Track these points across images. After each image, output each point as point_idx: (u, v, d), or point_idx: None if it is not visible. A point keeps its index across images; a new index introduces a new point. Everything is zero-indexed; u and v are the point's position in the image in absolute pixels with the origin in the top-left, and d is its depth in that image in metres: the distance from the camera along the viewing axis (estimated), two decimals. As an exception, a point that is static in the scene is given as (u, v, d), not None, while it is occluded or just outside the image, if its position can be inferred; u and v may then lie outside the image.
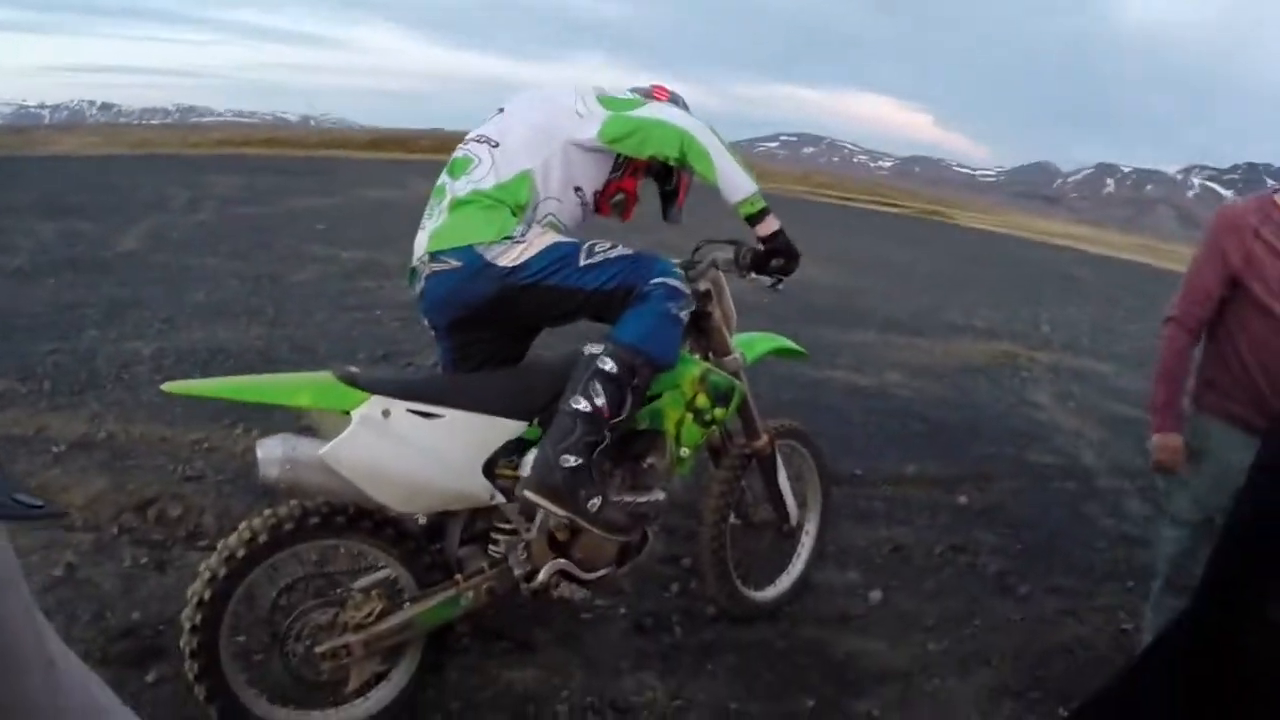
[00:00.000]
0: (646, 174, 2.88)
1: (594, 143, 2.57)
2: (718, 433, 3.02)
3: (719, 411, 2.73)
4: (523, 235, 2.44)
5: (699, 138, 2.52)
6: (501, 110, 2.70)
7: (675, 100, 2.83)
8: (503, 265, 2.39)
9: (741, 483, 3.10)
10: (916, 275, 13.39)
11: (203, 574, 2.16)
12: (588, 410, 2.36)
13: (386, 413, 2.26)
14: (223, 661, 2.19)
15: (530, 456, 2.41)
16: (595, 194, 2.72)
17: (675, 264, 2.72)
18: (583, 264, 2.44)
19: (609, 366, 2.38)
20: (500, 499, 2.44)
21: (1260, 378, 2.56)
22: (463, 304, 2.49)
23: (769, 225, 2.63)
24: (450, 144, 2.83)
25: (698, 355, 2.84)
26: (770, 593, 3.29)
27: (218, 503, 3.62)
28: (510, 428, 2.44)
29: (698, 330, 2.85)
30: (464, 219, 2.46)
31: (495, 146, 2.56)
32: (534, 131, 2.58)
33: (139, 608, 2.89)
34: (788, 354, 3.42)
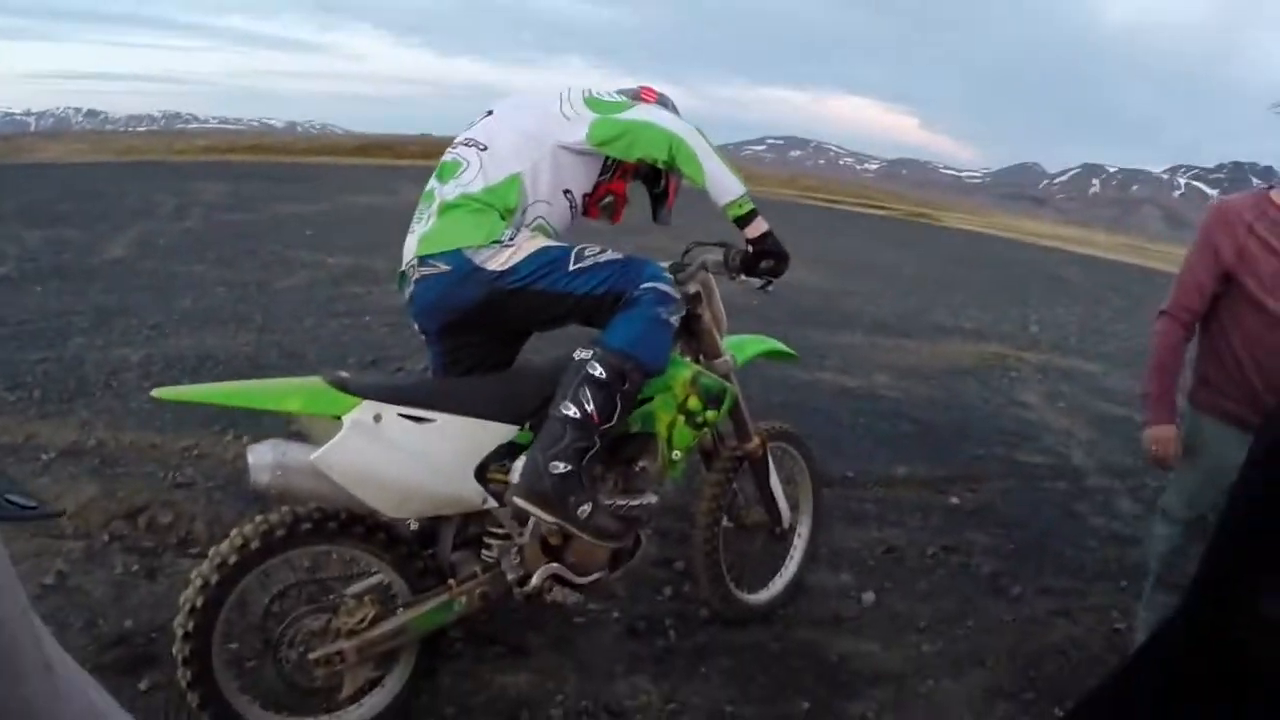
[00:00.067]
0: (635, 176, 2.88)
1: (582, 145, 2.56)
2: (709, 435, 3.02)
3: (711, 414, 2.73)
4: (511, 239, 2.42)
5: (687, 140, 2.51)
6: (490, 113, 2.68)
7: (663, 102, 2.82)
8: (491, 269, 2.38)
9: (734, 485, 3.10)
10: (903, 277, 13.42)
11: (194, 581, 2.15)
12: (577, 416, 2.36)
13: (378, 417, 2.25)
14: (215, 669, 2.18)
15: (520, 462, 2.40)
16: (584, 197, 2.71)
17: (665, 267, 2.72)
18: (572, 268, 2.43)
19: (598, 372, 2.38)
20: (493, 503, 2.43)
21: (1254, 374, 2.57)
22: (452, 308, 2.48)
23: (758, 227, 2.62)
24: (438, 149, 2.82)
25: (688, 358, 2.84)
26: (763, 595, 3.29)
27: (208, 509, 3.61)
28: (502, 432, 2.44)
29: (688, 333, 2.85)
30: (453, 223, 2.44)
31: (484, 150, 2.55)
32: (522, 135, 2.57)
33: (130, 615, 2.88)
34: (778, 356, 3.42)
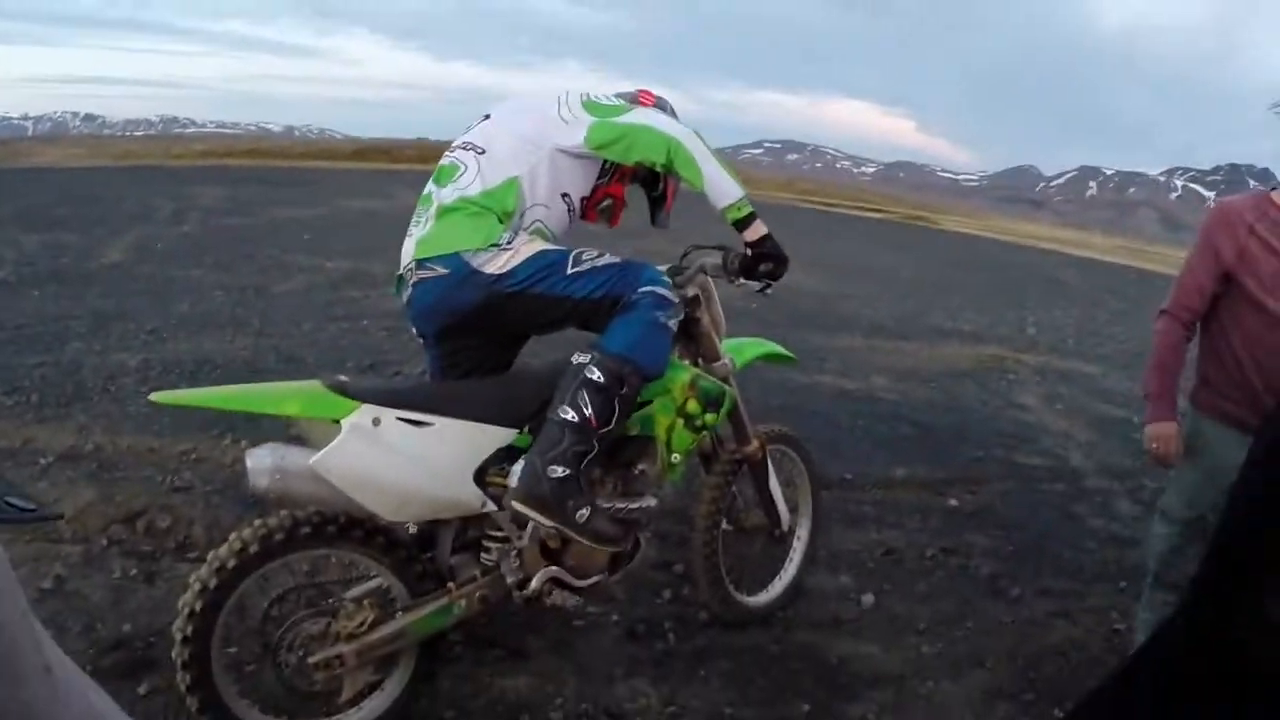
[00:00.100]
0: (633, 180, 2.87)
1: (580, 149, 2.55)
2: (709, 438, 3.02)
3: (710, 417, 2.73)
4: (510, 242, 2.42)
5: (685, 143, 2.50)
6: (487, 117, 2.68)
7: (661, 105, 2.82)
8: (489, 272, 2.37)
9: (733, 488, 3.10)
10: (901, 280, 13.44)
11: (193, 585, 2.14)
12: (575, 420, 2.35)
13: (376, 421, 2.25)
14: (215, 673, 2.18)
15: (518, 466, 2.39)
16: (582, 200, 2.71)
17: (663, 270, 2.72)
18: (570, 272, 2.42)
19: (596, 376, 2.37)
20: (492, 507, 2.43)
21: (1254, 374, 2.57)
22: (450, 311, 2.47)
23: (756, 230, 2.61)
24: (435, 153, 2.82)
25: (687, 361, 2.84)
26: (763, 598, 3.28)
27: (207, 513, 3.60)
28: (501, 435, 2.43)
29: (687, 336, 2.84)
30: (451, 226, 2.44)
31: (481, 153, 2.54)
32: (520, 138, 2.56)
33: (129, 619, 2.87)
34: (777, 359, 3.42)
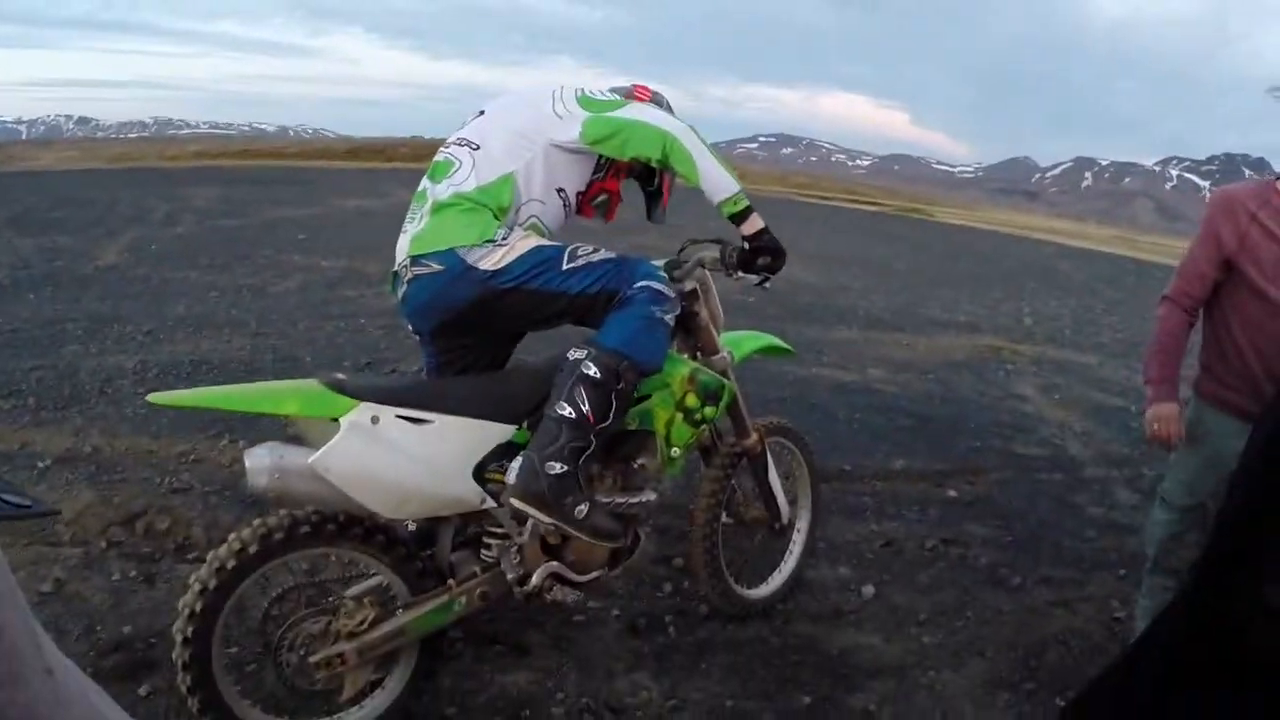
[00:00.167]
0: (629, 175, 2.87)
1: (576, 144, 2.55)
2: (708, 432, 3.01)
3: (709, 410, 2.72)
4: (505, 238, 2.41)
5: (680, 138, 2.49)
6: (482, 113, 2.67)
7: (657, 100, 2.81)
8: (484, 269, 2.37)
9: (732, 481, 3.10)
10: (897, 272, 13.44)
11: (193, 586, 2.14)
12: (572, 416, 2.35)
13: (375, 419, 2.24)
14: (215, 673, 2.17)
15: (516, 463, 2.38)
16: (578, 195, 2.70)
17: (660, 264, 2.71)
18: (565, 267, 2.42)
19: (593, 372, 2.37)
20: (491, 503, 2.42)
21: (1255, 362, 2.57)
22: (445, 308, 2.47)
23: (753, 224, 2.61)
24: (429, 152, 2.82)
25: (686, 355, 2.84)
26: (763, 590, 3.29)
27: (206, 514, 3.60)
28: (499, 431, 2.43)
29: (685, 330, 2.84)
30: (445, 222, 2.43)
31: (476, 149, 2.53)
32: (515, 134, 2.56)
33: (129, 621, 2.87)
34: (775, 352, 3.42)
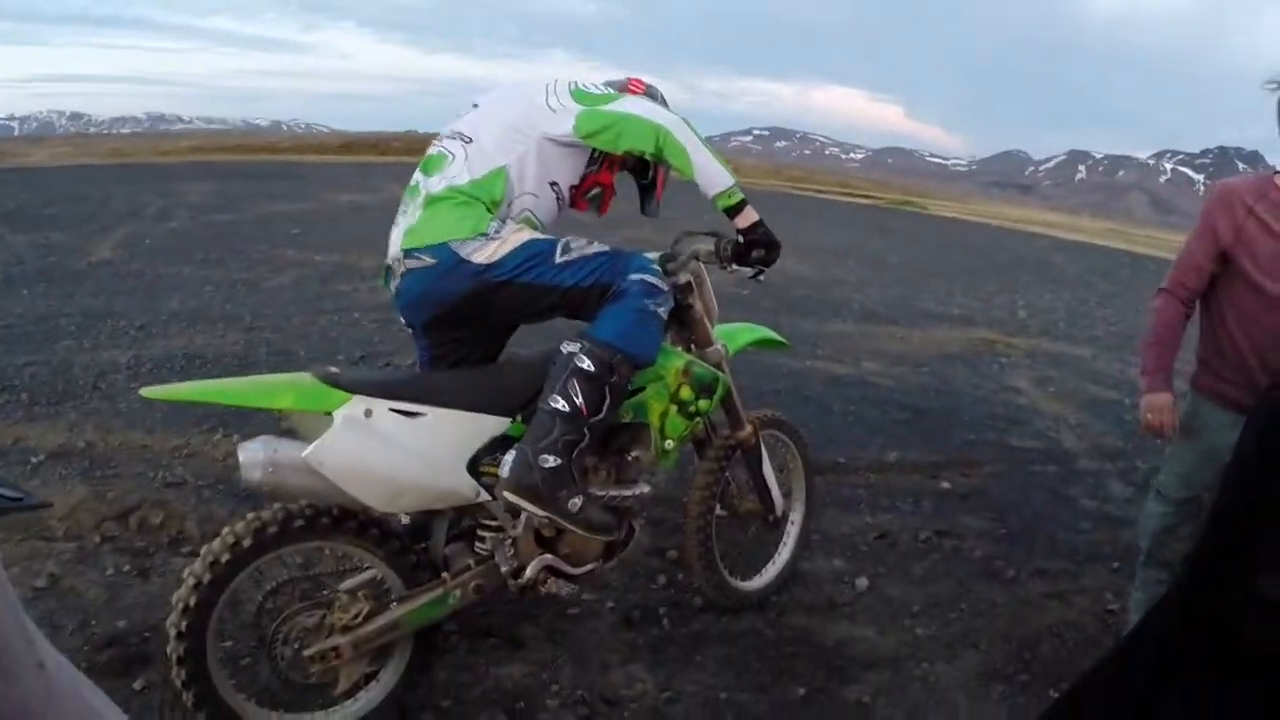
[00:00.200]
0: (623, 168, 2.86)
1: (569, 137, 2.54)
2: (702, 424, 3.01)
3: (703, 403, 2.73)
4: (497, 232, 2.40)
5: (674, 132, 2.49)
6: (476, 106, 2.67)
7: (651, 94, 2.81)
8: (477, 262, 2.36)
9: (726, 474, 3.10)
10: (891, 265, 13.44)
11: (187, 580, 2.14)
12: (566, 410, 2.35)
13: (369, 412, 2.24)
14: (210, 667, 2.17)
15: (510, 456, 2.38)
16: (571, 189, 2.70)
17: (654, 257, 2.71)
18: (559, 261, 2.42)
19: (586, 365, 2.37)
20: (485, 496, 2.42)
21: (1250, 355, 2.58)
22: (437, 301, 2.47)
23: (748, 217, 2.61)
24: (422, 146, 2.81)
25: (680, 347, 2.84)
26: (757, 582, 3.29)
27: (199, 508, 3.60)
28: (494, 424, 2.43)
29: (679, 322, 2.84)
30: (438, 216, 2.42)
31: (469, 142, 2.53)
32: (507, 127, 2.55)
33: (124, 616, 2.87)
34: (769, 345, 3.42)
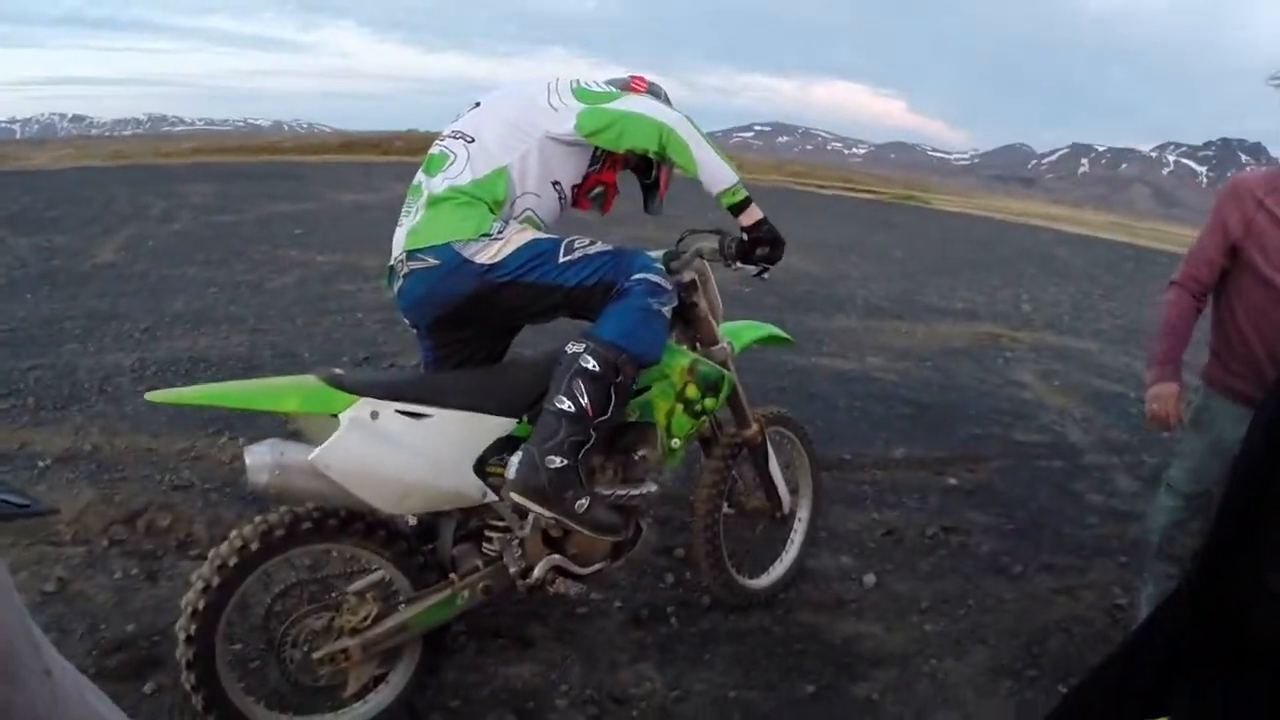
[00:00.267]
0: (625, 166, 2.86)
1: (571, 136, 2.54)
2: (708, 423, 3.01)
3: (709, 401, 2.73)
4: (500, 232, 2.40)
5: (677, 129, 2.48)
6: (477, 105, 2.67)
7: (654, 92, 2.80)
8: (481, 262, 2.36)
9: (733, 471, 3.10)
10: (895, 260, 13.40)
11: (195, 583, 2.14)
12: (571, 410, 2.34)
13: (375, 414, 2.24)
14: (219, 670, 2.18)
15: (516, 457, 2.38)
16: (573, 188, 2.70)
17: (659, 255, 2.71)
18: (562, 260, 2.41)
19: (591, 365, 2.36)
20: (492, 497, 2.42)
21: (1259, 348, 2.58)
22: (441, 302, 2.47)
23: (752, 214, 2.61)
24: (423, 145, 2.81)
25: (685, 346, 2.84)
26: (765, 580, 3.29)
27: (207, 511, 3.60)
28: (500, 425, 2.43)
29: (685, 321, 2.84)
30: (441, 216, 2.42)
31: (471, 142, 2.53)
32: (509, 126, 2.55)
33: (133, 619, 2.87)
34: (774, 342, 3.41)
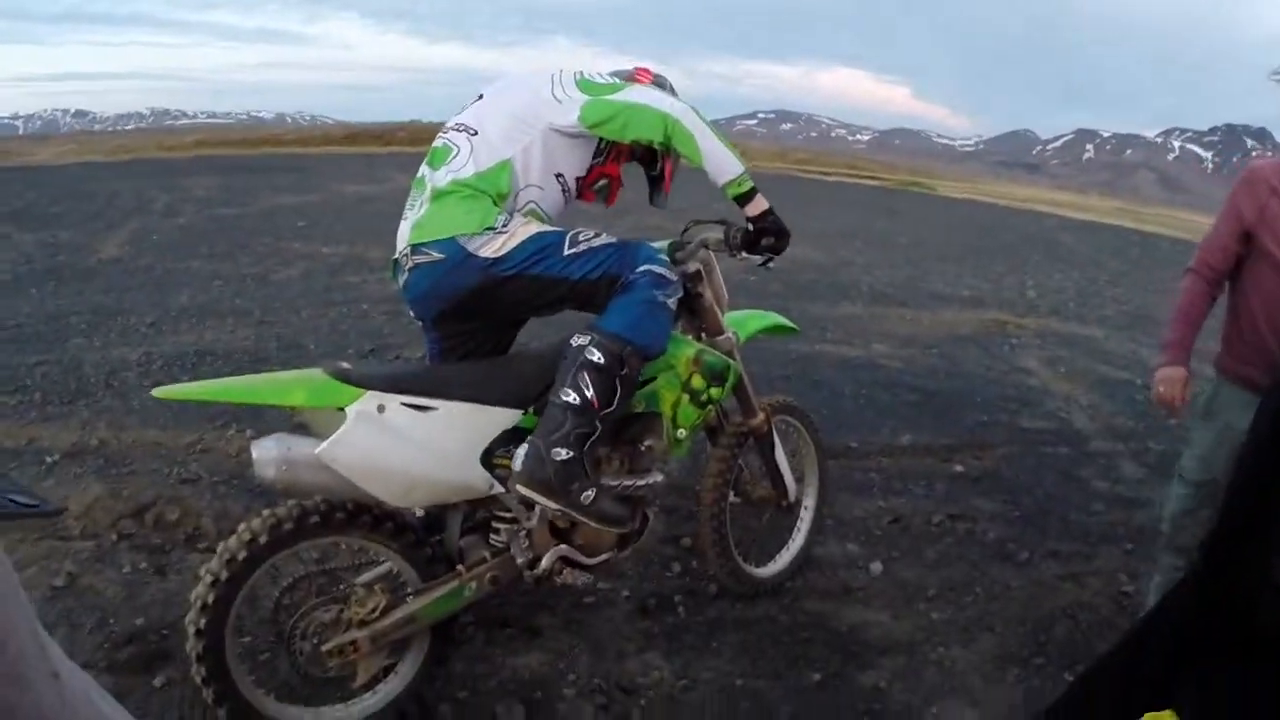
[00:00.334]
0: (630, 158, 2.85)
1: (575, 128, 2.53)
2: (714, 412, 3.01)
3: (715, 391, 2.73)
4: (505, 225, 2.40)
5: (682, 120, 2.48)
6: (481, 97, 2.66)
7: (660, 83, 2.78)
8: (485, 256, 2.36)
9: (739, 461, 3.10)
10: (900, 246, 13.36)
11: (204, 577, 2.15)
12: (577, 403, 2.35)
13: (381, 408, 2.25)
14: (229, 663, 2.19)
15: (522, 449, 2.39)
16: (577, 180, 2.69)
17: (663, 246, 2.71)
18: (567, 253, 2.41)
19: (596, 358, 2.36)
20: (499, 489, 2.43)
21: (1269, 336, 2.56)
22: (446, 296, 2.47)
23: (758, 205, 2.60)
24: (427, 136, 2.80)
25: (690, 336, 2.84)
26: (772, 568, 3.30)
27: (215, 504, 3.62)
28: (506, 417, 2.43)
29: (690, 311, 2.84)
30: (445, 210, 2.42)
31: (474, 135, 2.52)
32: (512, 118, 2.54)
33: (142, 613, 2.89)
34: (780, 331, 3.41)
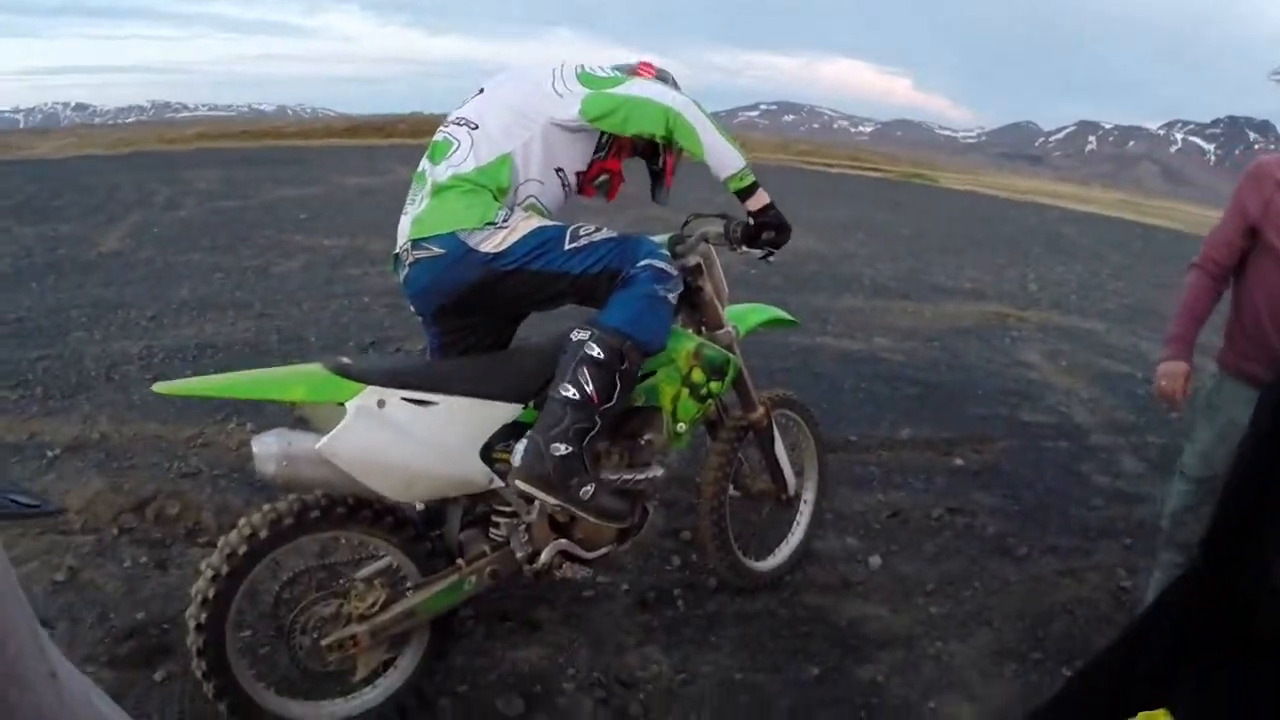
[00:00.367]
0: (632, 153, 2.85)
1: (576, 122, 2.52)
2: (714, 406, 3.01)
3: (714, 385, 2.73)
4: (506, 220, 2.40)
5: (684, 114, 2.47)
6: (481, 91, 2.66)
7: (662, 77, 2.77)
8: (486, 251, 2.36)
9: (739, 454, 3.11)
10: (901, 238, 13.35)
11: (205, 572, 2.16)
12: (576, 398, 2.35)
13: (381, 403, 2.25)
14: (230, 657, 2.20)
15: (522, 444, 2.39)
16: (578, 175, 2.68)
17: (664, 239, 2.70)
18: (568, 248, 2.41)
19: (596, 352, 2.37)
20: (499, 483, 2.43)
21: (1272, 332, 2.56)
22: (446, 291, 2.47)
23: (759, 199, 2.60)
24: (428, 128, 2.80)
25: (690, 329, 2.84)
26: (771, 562, 3.30)
27: (215, 498, 3.62)
28: (506, 411, 2.43)
29: (690, 305, 2.84)
30: (446, 205, 2.42)
31: (474, 129, 2.52)
32: (513, 112, 2.54)
33: (143, 607, 2.89)
34: (780, 324, 3.40)
